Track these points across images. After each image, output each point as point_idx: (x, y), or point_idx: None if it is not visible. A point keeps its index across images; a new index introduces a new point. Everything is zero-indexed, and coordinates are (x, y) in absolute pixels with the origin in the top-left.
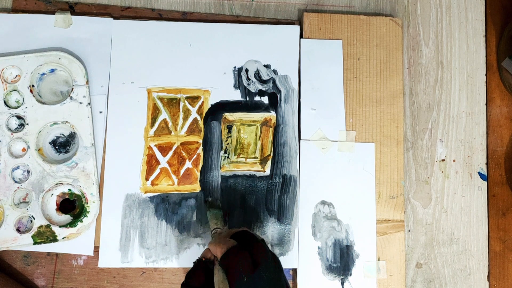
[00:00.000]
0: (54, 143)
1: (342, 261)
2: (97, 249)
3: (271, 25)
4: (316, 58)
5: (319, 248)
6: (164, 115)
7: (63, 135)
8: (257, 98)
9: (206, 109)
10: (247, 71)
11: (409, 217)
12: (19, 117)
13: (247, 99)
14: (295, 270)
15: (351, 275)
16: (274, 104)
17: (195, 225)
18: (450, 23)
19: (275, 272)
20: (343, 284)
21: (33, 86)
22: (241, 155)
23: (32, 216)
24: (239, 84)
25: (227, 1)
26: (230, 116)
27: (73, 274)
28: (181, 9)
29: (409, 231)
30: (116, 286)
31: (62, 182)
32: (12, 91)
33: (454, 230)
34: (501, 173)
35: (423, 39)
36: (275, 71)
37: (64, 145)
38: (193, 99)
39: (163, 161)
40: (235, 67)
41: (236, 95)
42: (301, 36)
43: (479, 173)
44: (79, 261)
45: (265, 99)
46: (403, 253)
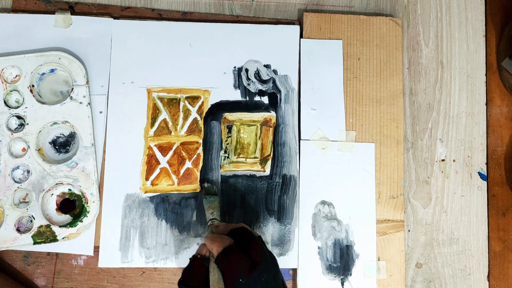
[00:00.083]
0: (54, 143)
1: (342, 261)
2: (97, 249)
3: (271, 25)
4: (316, 58)
5: (319, 248)
6: (164, 115)
7: (63, 135)
8: (257, 98)
9: (206, 109)
10: (247, 71)
11: (409, 217)
12: (19, 117)
13: (247, 99)
14: (295, 270)
15: (351, 275)
16: (274, 104)
17: (195, 225)
18: (450, 23)
19: (273, 272)
20: (343, 284)
21: (33, 86)
22: (241, 155)
23: (32, 216)
24: (239, 84)
25: (227, 1)
26: (230, 116)
27: (73, 274)
28: (181, 9)
29: (409, 231)
30: (116, 286)
31: (62, 182)
32: (12, 91)
33: (454, 230)
34: (501, 173)
35: (423, 39)
36: (275, 71)
37: (64, 145)
38: (193, 99)
39: (163, 161)
40: (235, 67)
41: (236, 95)
42: (301, 36)
43: (479, 173)
44: (79, 261)
45: (265, 99)
46: (403, 253)
